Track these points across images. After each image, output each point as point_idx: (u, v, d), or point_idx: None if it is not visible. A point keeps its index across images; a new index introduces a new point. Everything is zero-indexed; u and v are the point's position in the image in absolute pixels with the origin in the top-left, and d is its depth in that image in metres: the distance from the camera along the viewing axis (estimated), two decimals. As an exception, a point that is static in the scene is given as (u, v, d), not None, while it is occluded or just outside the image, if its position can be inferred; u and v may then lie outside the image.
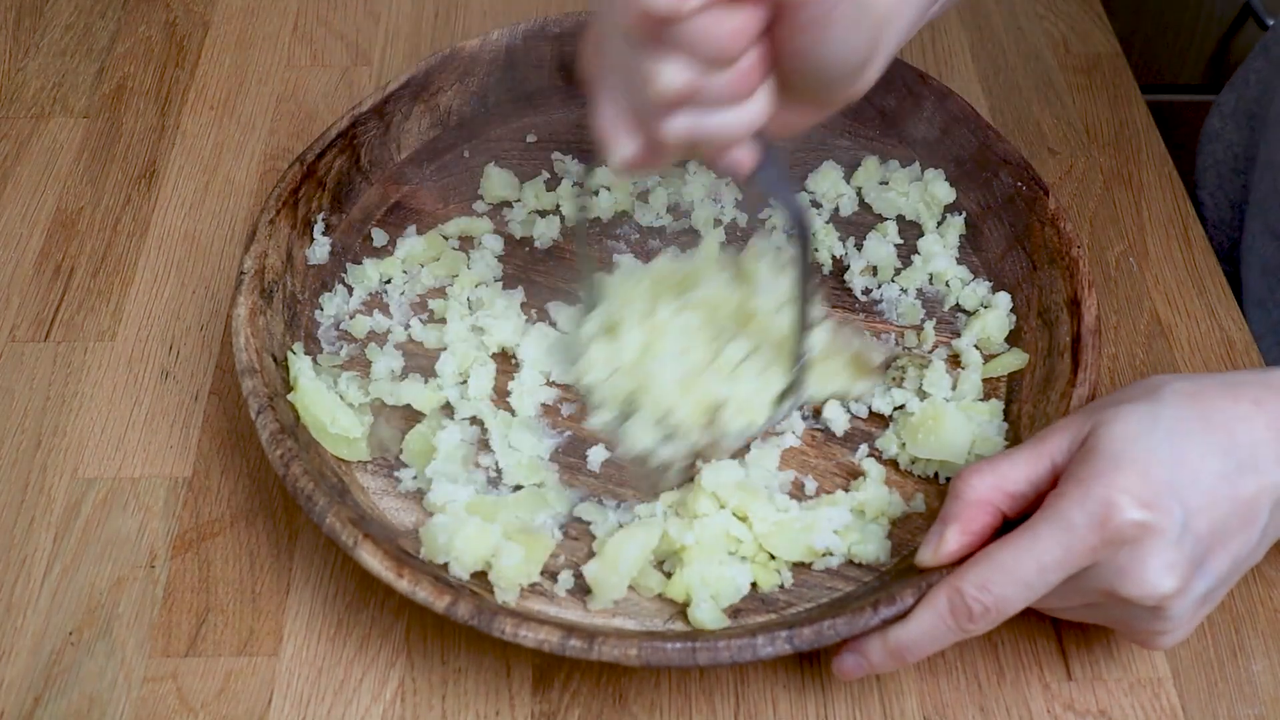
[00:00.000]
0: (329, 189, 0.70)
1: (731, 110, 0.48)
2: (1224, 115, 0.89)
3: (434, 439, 0.61)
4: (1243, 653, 0.59)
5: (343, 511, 0.56)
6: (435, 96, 0.75)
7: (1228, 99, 0.89)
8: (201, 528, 0.63)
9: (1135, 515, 0.50)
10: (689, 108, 0.47)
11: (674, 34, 0.45)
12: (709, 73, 0.46)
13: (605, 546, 0.58)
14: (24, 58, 0.86)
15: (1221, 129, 0.88)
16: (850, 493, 0.61)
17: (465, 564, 0.57)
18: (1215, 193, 0.88)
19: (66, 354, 0.69)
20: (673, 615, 0.57)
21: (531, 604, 0.57)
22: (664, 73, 0.46)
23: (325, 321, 0.67)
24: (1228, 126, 0.88)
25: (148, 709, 0.57)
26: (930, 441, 0.61)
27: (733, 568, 0.57)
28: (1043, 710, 0.57)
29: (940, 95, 0.73)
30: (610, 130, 0.51)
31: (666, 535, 0.58)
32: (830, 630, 0.53)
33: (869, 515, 0.60)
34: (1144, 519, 0.50)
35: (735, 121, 0.48)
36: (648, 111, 0.48)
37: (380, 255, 0.71)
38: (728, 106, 0.48)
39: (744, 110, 0.48)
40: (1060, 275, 0.66)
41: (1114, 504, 0.50)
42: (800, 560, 0.59)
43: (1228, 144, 0.87)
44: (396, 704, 0.57)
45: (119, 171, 0.79)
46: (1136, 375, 0.69)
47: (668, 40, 0.45)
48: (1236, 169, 0.86)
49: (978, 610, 0.52)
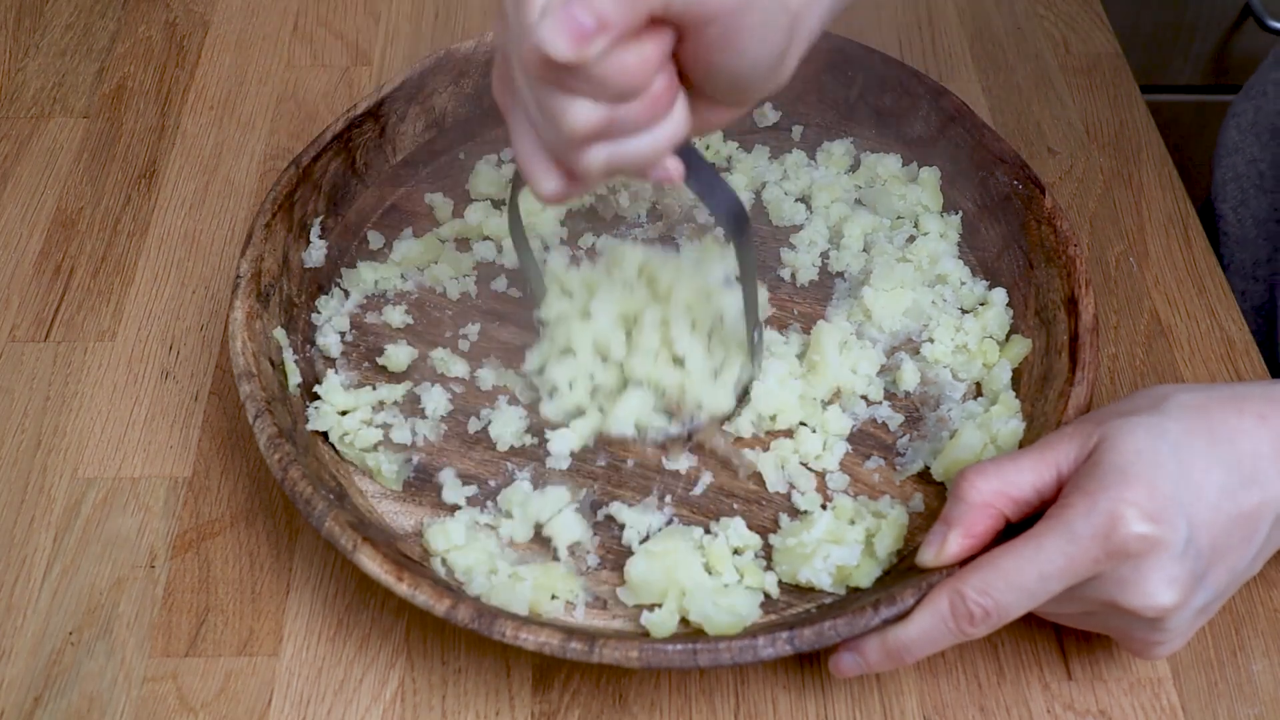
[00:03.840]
0: (325, 192, 0.70)
1: (649, 133, 0.47)
2: (1242, 129, 0.87)
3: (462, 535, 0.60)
4: (1243, 653, 0.59)
5: (341, 515, 0.56)
6: (430, 99, 0.75)
7: (1244, 109, 0.87)
8: (201, 528, 0.63)
9: (1141, 529, 0.50)
10: (605, 139, 0.46)
11: (579, 75, 0.44)
12: (620, 105, 0.45)
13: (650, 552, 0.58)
14: (24, 58, 0.86)
15: (1241, 142, 0.87)
16: (857, 523, 0.60)
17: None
18: (1238, 208, 0.87)
19: (66, 354, 0.70)
20: (672, 616, 0.58)
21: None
22: (573, 112, 0.45)
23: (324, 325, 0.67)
24: (1247, 139, 0.87)
25: (148, 709, 0.57)
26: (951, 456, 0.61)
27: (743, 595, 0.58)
28: (1043, 710, 0.57)
29: (935, 94, 0.73)
30: (530, 165, 0.49)
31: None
32: (831, 631, 0.53)
33: (879, 551, 0.59)
34: (1149, 533, 0.50)
35: (654, 142, 0.47)
36: (563, 145, 0.47)
37: (376, 258, 0.71)
38: (644, 130, 0.47)
39: (662, 130, 0.47)
40: (1057, 274, 0.66)
41: (1120, 517, 0.50)
42: (802, 585, 0.59)
43: (1250, 159, 0.86)
44: (396, 704, 0.57)
45: (119, 171, 0.79)
46: (1136, 375, 0.69)
47: (573, 81, 0.44)
48: (1263, 187, 0.85)
49: (978, 614, 0.52)
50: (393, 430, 0.64)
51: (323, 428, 0.63)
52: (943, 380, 0.66)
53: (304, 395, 0.64)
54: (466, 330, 0.68)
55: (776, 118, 0.77)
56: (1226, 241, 0.86)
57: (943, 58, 0.86)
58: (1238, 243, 0.88)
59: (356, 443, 0.62)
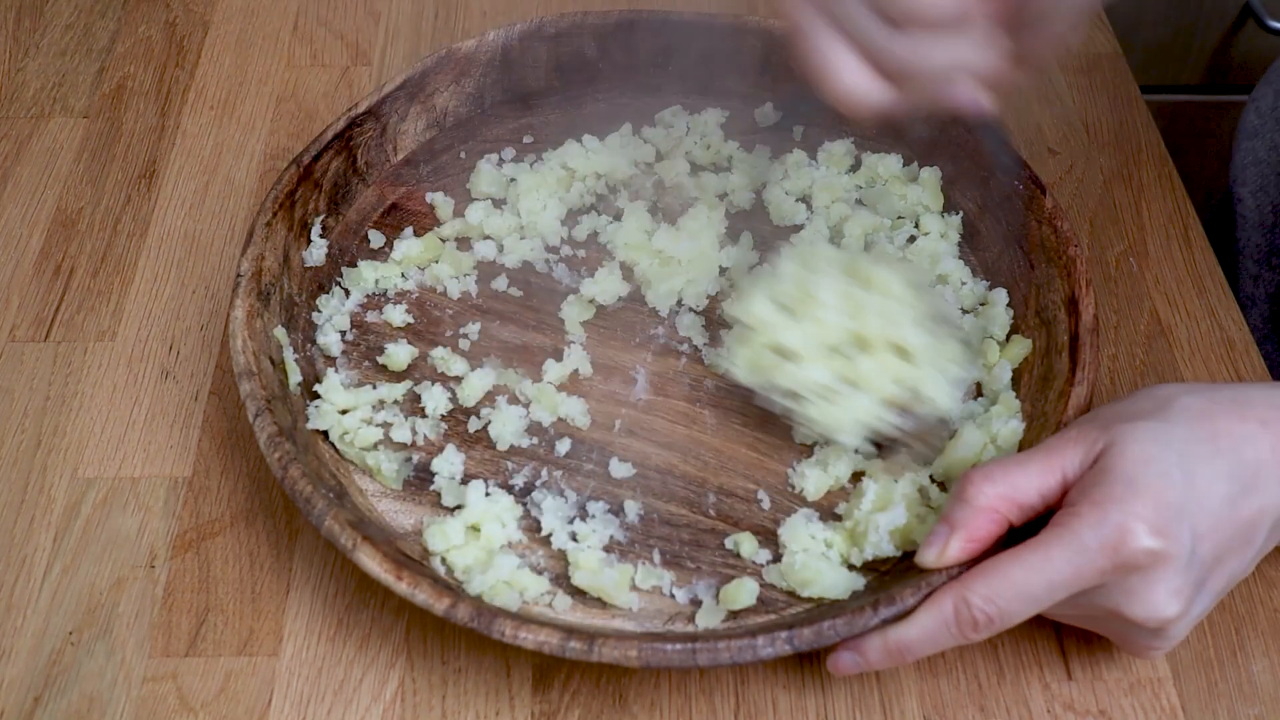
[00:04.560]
0: (325, 191, 0.70)
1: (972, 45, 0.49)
2: (1262, 113, 0.87)
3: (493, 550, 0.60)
4: (1243, 653, 0.59)
5: (341, 514, 0.56)
6: (431, 98, 0.75)
7: (1264, 94, 0.87)
8: (201, 528, 0.63)
9: (1149, 543, 0.50)
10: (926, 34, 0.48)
11: None
12: None
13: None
14: (24, 58, 0.86)
15: (1260, 126, 0.87)
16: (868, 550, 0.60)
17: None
18: (1257, 193, 0.87)
19: (66, 354, 0.70)
20: (672, 617, 0.58)
21: (532, 606, 0.57)
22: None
23: (325, 324, 0.68)
24: (1267, 124, 0.86)
25: (148, 709, 0.57)
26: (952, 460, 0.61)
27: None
28: (1043, 710, 0.57)
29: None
30: (831, 61, 0.50)
31: None
32: (830, 631, 0.53)
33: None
34: (1157, 547, 0.50)
35: (976, 56, 0.49)
36: (881, 41, 0.48)
37: (377, 257, 0.71)
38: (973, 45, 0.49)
39: (987, 50, 0.50)
40: (1058, 274, 0.66)
41: (1129, 530, 0.50)
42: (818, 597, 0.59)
43: (1271, 144, 0.85)
44: (396, 704, 0.57)
45: (119, 171, 0.79)
46: (1136, 375, 0.69)
47: None
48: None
49: (982, 621, 0.52)
50: (393, 429, 0.64)
51: (323, 426, 0.63)
52: None
53: (304, 394, 0.64)
54: (467, 329, 0.68)
55: (777, 117, 0.77)
56: (1244, 225, 0.85)
57: (943, 58, 0.86)
58: (1255, 227, 0.87)
59: (356, 441, 0.62)
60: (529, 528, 0.61)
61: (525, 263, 0.72)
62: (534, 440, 0.64)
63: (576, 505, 0.61)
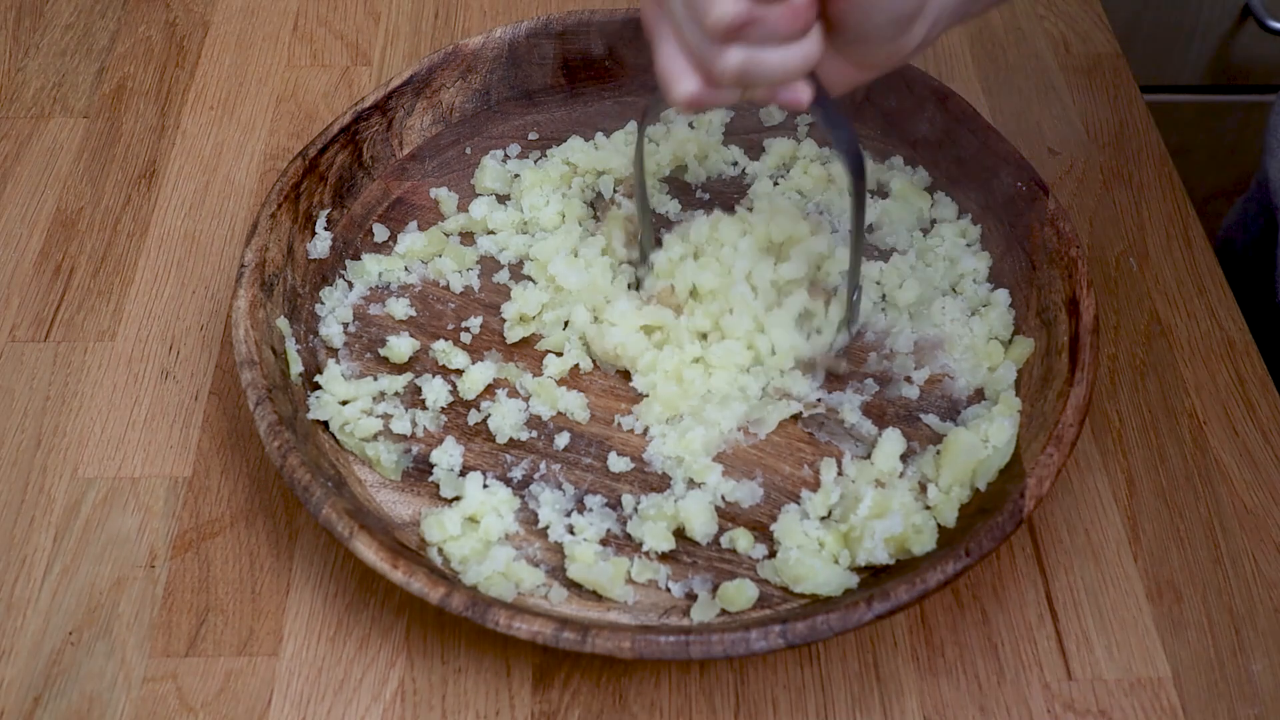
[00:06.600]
0: (331, 184, 0.71)
1: (785, 48, 0.50)
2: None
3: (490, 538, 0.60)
4: (1243, 653, 0.59)
5: (339, 503, 0.56)
6: (438, 93, 0.75)
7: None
8: (201, 528, 0.63)
9: None
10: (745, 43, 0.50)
11: None
12: (762, 4, 0.48)
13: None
14: (24, 58, 0.86)
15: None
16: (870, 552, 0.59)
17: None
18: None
19: (66, 354, 0.70)
20: (668, 611, 0.58)
21: (528, 598, 0.58)
22: (720, 3, 0.48)
23: (327, 316, 0.68)
24: None
25: (148, 709, 0.57)
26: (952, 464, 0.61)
27: None
28: (1043, 710, 0.57)
29: (941, 96, 0.73)
30: (670, 67, 0.52)
31: None
32: (824, 625, 0.53)
33: None
34: None
35: (788, 58, 0.51)
36: (705, 48, 0.50)
37: (381, 250, 0.71)
38: (781, 44, 0.50)
39: (797, 48, 0.51)
40: (1059, 275, 0.66)
41: None
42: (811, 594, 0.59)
43: None
44: (396, 704, 0.57)
45: (119, 171, 0.79)
46: (1136, 375, 0.69)
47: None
48: None
49: None
50: (393, 420, 0.64)
51: (323, 417, 0.63)
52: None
53: (305, 384, 0.64)
54: (469, 323, 0.68)
55: (782, 117, 0.77)
56: (1273, 198, 0.84)
57: (943, 58, 0.86)
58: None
59: (356, 432, 0.63)
60: (526, 520, 0.61)
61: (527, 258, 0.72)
62: (533, 433, 0.64)
63: (574, 498, 0.62)
